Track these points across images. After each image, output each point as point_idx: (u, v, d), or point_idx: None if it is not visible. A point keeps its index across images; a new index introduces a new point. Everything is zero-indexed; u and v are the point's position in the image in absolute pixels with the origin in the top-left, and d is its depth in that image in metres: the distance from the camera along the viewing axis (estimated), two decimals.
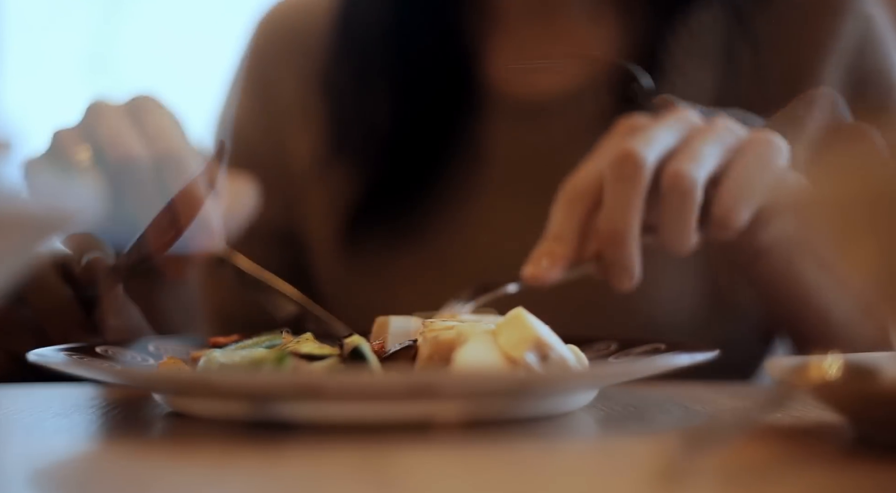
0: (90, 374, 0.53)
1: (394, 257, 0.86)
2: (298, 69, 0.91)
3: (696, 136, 0.65)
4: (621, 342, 0.62)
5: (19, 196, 0.38)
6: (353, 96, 0.88)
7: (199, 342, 0.63)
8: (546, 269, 0.65)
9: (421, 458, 0.44)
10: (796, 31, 0.83)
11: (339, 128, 0.88)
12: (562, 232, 0.66)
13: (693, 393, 0.60)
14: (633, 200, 0.63)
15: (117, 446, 0.50)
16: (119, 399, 0.61)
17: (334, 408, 0.49)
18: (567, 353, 0.52)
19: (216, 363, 0.54)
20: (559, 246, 0.66)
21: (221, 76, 0.97)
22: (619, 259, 0.64)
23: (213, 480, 0.42)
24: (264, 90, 0.92)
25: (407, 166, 0.86)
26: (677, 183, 0.63)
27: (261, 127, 0.92)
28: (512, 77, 0.87)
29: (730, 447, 0.42)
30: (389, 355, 0.56)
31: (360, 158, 0.87)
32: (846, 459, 0.45)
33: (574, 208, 0.66)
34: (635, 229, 0.63)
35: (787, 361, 0.51)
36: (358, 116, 0.87)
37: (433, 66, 0.87)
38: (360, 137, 0.87)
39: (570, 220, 0.66)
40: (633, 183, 0.63)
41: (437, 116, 0.86)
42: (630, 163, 0.63)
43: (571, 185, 0.67)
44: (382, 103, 0.87)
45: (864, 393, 0.44)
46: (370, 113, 0.87)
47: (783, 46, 0.83)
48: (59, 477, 0.43)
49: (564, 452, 0.47)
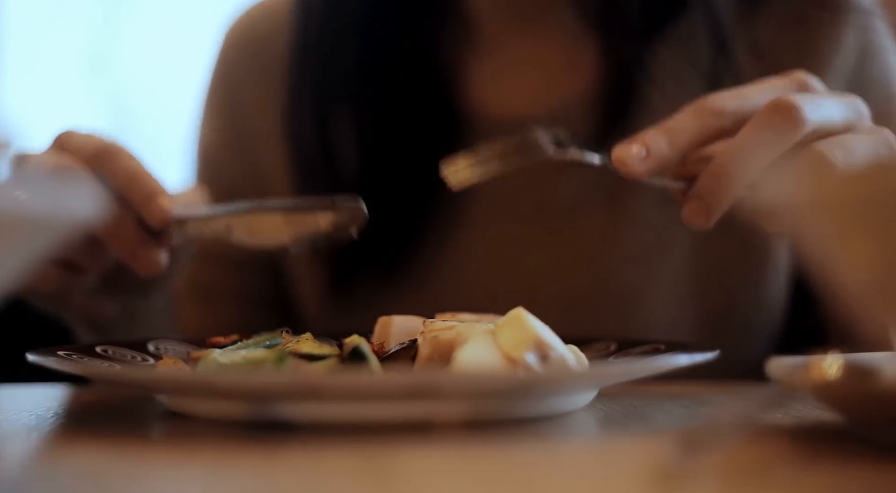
0: (90, 374, 0.53)
1: (380, 292, 0.82)
2: (266, 85, 0.86)
3: (860, 131, 0.60)
4: (621, 342, 0.62)
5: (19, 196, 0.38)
6: (318, 127, 0.82)
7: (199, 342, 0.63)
8: (637, 158, 0.59)
9: (421, 458, 0.44)
10: (791, 45, 0.81)
11: (306, 157, 0.83)
12: (677, 129, 0.60)
13: (693, 393, 0.60)
14: (767, 150, 0.58)
15: (117, 446, 0.50)
16: (119, 399, 0.61)
17: (334, 408, 0.49)
18: (567, 353, 0.52)
19: (216, 363, 0.54)
20: (664, 143, 0.59)
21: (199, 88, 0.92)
22: (712, 196, 0.58)
23: (213, 480, 0.42)
24: (232, 107, 0.88)
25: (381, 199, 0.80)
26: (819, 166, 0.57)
27: (231, 148, 0.88)
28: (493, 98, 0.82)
29: (730, 447, 0.42)
30: (389, 355, 0.56)
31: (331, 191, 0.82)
32: (846, 459, 0.45)
33: (702, 119, 0.60)
34: (746, 179, 0.58)
35: (787, 361, 0.51)
36: (325, 146, 0.82)
37: (407, 91, 0.82)
38: (330, 167, 0.82)
39: (692, 125, 0.60)
40: (781, 136, 0.57)
41: (412, 142, 0.81)
42: (791, 117, 0.57)
43: (715, 99, 0.60)
44: (351, 131, 0.82)
45: (864, 393, 0.44)
46: (339, 142, 0.82)
47: (775, 59, 0.80)
48: (59, 477, 0.43)
49: (564, 452, 0.47)
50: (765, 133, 0.58)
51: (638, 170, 0.59)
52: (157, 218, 0.62)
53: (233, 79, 0.89)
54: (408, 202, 0.81)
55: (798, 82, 0.63)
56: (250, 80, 0.88)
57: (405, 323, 0.59)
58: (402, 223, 0.81)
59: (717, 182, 0.58)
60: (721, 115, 0.60)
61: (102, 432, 0.54)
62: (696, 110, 0.60)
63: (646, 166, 0.59)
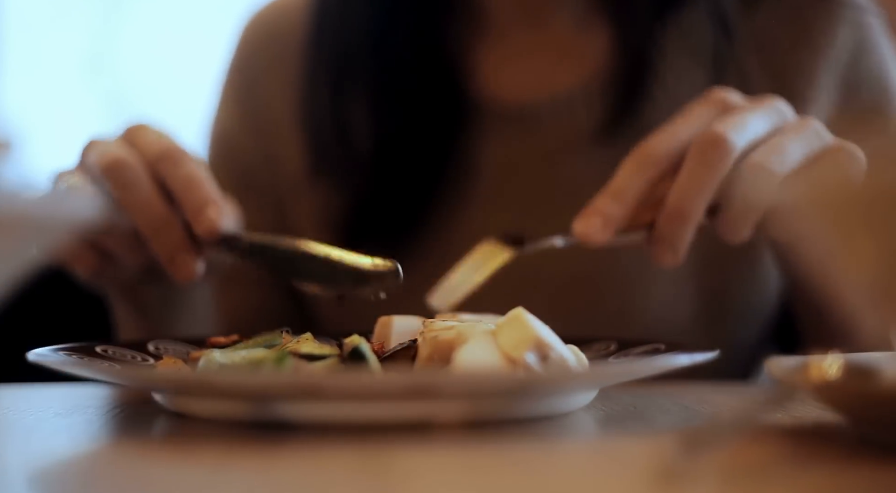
0: (90, 374, 0.53)
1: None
2: (283, 76, 0.90)
3: (786, 131, 0.63)
4: (621, 343, 0.62)
5: (19, 196, 0.38)
6: (334, 110, 0.86)
7: (199, 342, 0.63)
8: (597, 228, 0.63)
9: (421, 458, 0.44)
10: (787, 37, 0.83)
11: (320, 142, 0.86)
12: (624, 191, 0.63)
13: (693, 393, 0.60)
14: (709, 184, 0.61)
15: (117, 446, 0.50)
16: (119, 399, 0.61)
17: (334, 408, 0.49)
18: (567, 353, 0.52)
19: (216, 363, 0.54)
20: (616, 206, 0.63)
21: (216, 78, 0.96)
22: (673, 237, 0.62)
23: (213, 480, 0.42)
24: (250, 97, 0.91)
25: (393, 180, 0.84)
26: (758, 174, 0.61)
27: (248, 133, 0.91)
28: (501, 85, 0.85)
29: (730, 447, 0.42)
30: (389, 355, 0.56)
31: (346, 170, 0.86)
32: (846, 459, 0.45)
33: (643, 171, 0.63)
34: (700, 213, 0.62)
35: (787, 361, 0.51)
36: (339, 130, 0.86)
37: (418, 76, 0.85)
38: (344, 148, 0.85)
39: (636, 181, 0.63)
40: (715, 170, 0.61)
41: (423, 128, 0.84)
42: (718, 149, 0.61)
43: (649, 147, 0.64)
44: (364, 117, 0.85)
45: (864, 393, 0.44)
46: (351, 126, 0.85)
47: (773, 52, 0.83)
48: (59, 477, 0.43)
49: (564, 452, 0.47)
50: (701, 169, 0.61)
51: (602, 239, 0.63)
52: (204, 229, 0.64)
53: (251, 68, 0.92)
54: (417, 183, 0.84)
55: (718, 103, 0.65)
56: (268, 68, 0.91)
57: (405, 323, 0.59)
58: (412, 203, 0.84)
59: (673, 224, 0.62)
60: (657, 162, 0.63)
61: (102, 432, 0.54)
62: (634, 164, 0.64)
63: (607, 233, 0.63)
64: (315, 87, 0.87)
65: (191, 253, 0.65)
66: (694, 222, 0.62)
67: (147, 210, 0.64)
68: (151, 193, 0.64)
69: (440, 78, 0.85)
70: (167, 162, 0.64)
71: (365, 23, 0.86)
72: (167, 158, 0.64)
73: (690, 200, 0.61)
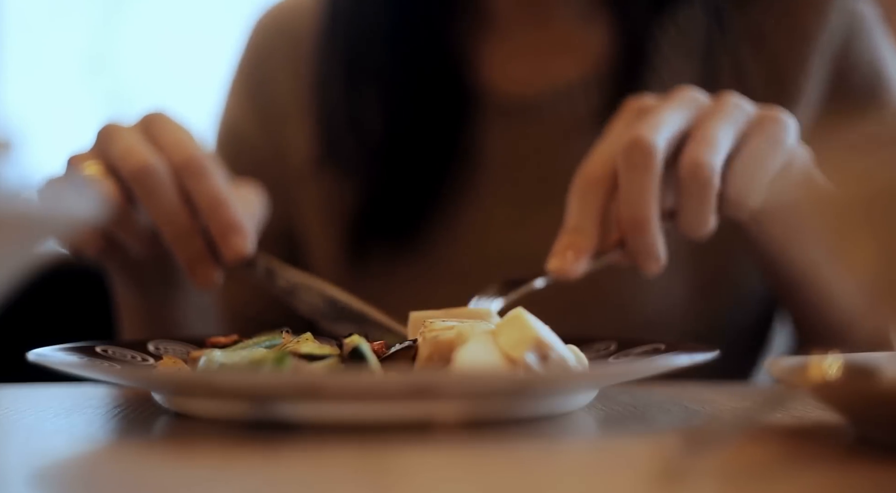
0: (90, 374, 0.53)
1: (392, 260, 0.86)
2: (294, 69, 0.91)
3: (707, 117, 0.64)
4: (621, 342, 0.62)
5: (19, 196, 0.38)
6: (345, 100, 0.88)
7: (199, 342, 0.63)
8: (571, 262, 0.64)
9: (421, 458, 0.44)
10: (779, 26, 0.84)
11: (331, 131, 0.88)
12: (581, 223, 0.65)
13: (693, 393, 0.60)
14: (648, 186, 0.62)
15: (118, 446, 0.50)
16: (119, 399, 0.61)
17: (334, 408, 0.49)
18: (567, 353, 0.52)
19: (216, 363, 0.54)
20: (581, 238, 0.64)
21: (220, 76, 0.97)
22: (643, 246, 0.64)
23: (213, 480, 0.42)
24: (260, 89, 0.93)
25: (402, 169, 0.86)
26: (696, 173, 0.62)
27: (258, 126, 0.92)
28: (504, 78, 0.87)
29: (730, 447, 0.42)
30: (389, 355, 0.56)
31: (354, 161, 0.87)
32: (846, 459, 0.45)
33: (590, 198, 0.65)
34: (655, 215, 0.63)
35: (787, 361, 0.51)
36: (349, 120, 0.87)
37: (425, 70, 0.87)
38: (353, 140, 0.87)
39: (588, 210, 0.65)
40: (646, 170, 0.62)
41: (430, 119, 0.86)
42: (640, 150, 0.62)
43: (584, 173, 0.66)
44: (374, 107, 0.87)
45: (864, 393, 0.44)
46: (362, 116, 0.87)
47: (765, 41, 0.84)
48: (59, 477, 0.43)
49: (564, 452, 0.47)
50: (633, 175, 0.62)
51: (578, 271, 0.64)
52: (230, 255, 0.65)
53: (262, 62, 0.94)
54: (424, 173, 0.86)
55: (633, 111, 0.67)
56: (279, 63, 0.93)
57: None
58: (419, 192, 0.86)
59: (636, 235, 0.64)
60: (598, 184, 0.65)
61: (102, 432, 0.54)
62: (579, 194, 0.65)
63: (581, 264, 0.65)
64: (327, 79, 0.89)
65: (211, 263, 0.66)
66: (654, 227, 0.63)
67: (172, 219, 0.65)
68: (177, 204, 0.65)
69: (447, 72, 0.87)
70: (193, 175, 0.64)
71: (376, 18, 0.88)
72: (193, 169, 0.65)
73: (639, 207, 0.63)
